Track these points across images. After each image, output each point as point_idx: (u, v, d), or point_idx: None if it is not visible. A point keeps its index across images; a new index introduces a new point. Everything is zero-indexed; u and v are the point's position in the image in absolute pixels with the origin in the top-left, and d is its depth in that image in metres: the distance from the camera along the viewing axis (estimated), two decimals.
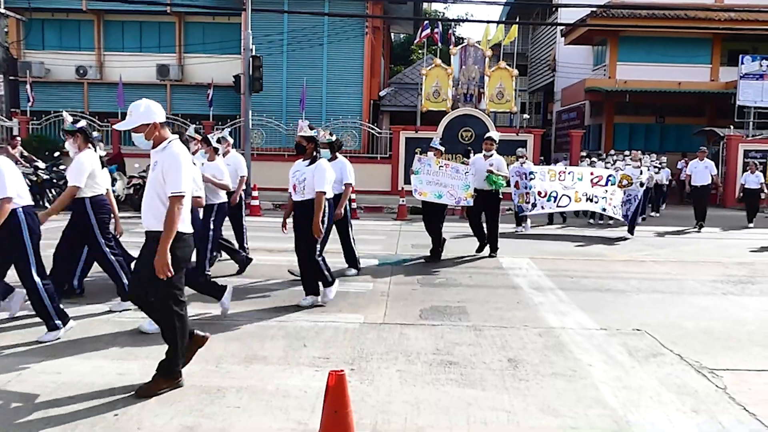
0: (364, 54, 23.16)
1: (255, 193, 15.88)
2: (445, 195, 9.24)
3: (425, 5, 35.91)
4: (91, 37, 24.46)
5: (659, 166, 18.09)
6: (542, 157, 21.39)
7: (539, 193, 12.69)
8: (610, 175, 12.79)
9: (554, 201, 12.77)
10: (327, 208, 6.71)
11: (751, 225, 15.23)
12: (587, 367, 4.82)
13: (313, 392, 4.12)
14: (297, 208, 6.58)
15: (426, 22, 22.53)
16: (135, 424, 3.68)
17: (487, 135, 10.16)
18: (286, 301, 6.73)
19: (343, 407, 3.10)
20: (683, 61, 24.98)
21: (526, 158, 13.71)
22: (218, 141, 7.88)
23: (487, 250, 9.94)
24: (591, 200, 12.73)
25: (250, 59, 17.79)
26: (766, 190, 15.69)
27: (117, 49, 24.33)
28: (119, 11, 23.75)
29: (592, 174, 12.95)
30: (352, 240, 8.31)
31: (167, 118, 18.85)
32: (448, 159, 13.68)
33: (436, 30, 21.86)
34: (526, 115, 26.51)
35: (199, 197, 5.84)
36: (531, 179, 12.76)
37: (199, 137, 7.38)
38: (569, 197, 12.71)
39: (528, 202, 12.80)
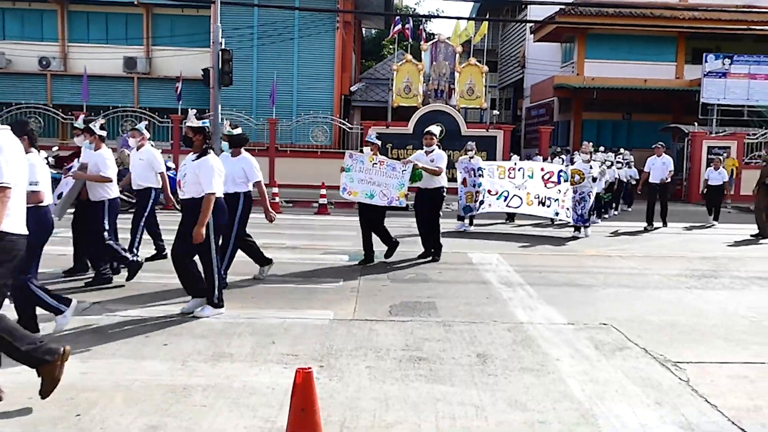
0: (335, 49, 23.07)
1: None
2: (378, 195, 8.49)
3: (396, 1, 35.87)
4: (54, 27, 23.93)
5: (623, 161, 17.94)
6: (512, 153, 21.56)
7: (489, 192, 12.07)
8: (561, 171, 12.11)
9: (504, 200, 12.14)
10: (241, 206, 6.70)
11: (716, 223, 14.91)
12: (555, 361, 4.87)
13: (281, 390, 4.08)
14: (182, 207, 5.91)
15: (397, 17, 22.52)
16: (98, 424, 3.60)
17: (427, 129, 9.45)
18: (255, 298, 6.67)
19: (310, 405, 3.08)
20: (649, 59, 25.39)
21: (475, 152, 12.91)
22: (129, 132, 7.54)
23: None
24: (543, 203, 11.98)
25: (220, 53, 17.53)
26: (728, 187, 15.73)
27: (82, 40, 23.84)
28: (84, 1, 23.30)
29: (543, 170, 12.27)
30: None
31: (134, 111, 18.54)
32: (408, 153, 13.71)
33: (407, 26, 21.88)
34: (496, 111, 26.69)
35: (36, 192, 4.81)
36: (480, 176, 12.14)
37: (81, 128, 7.07)
38: (521, 198, 12.06)
39: (476, 201, 12.13)
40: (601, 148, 18.21)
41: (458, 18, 22.63)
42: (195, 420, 3.70)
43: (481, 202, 12.08)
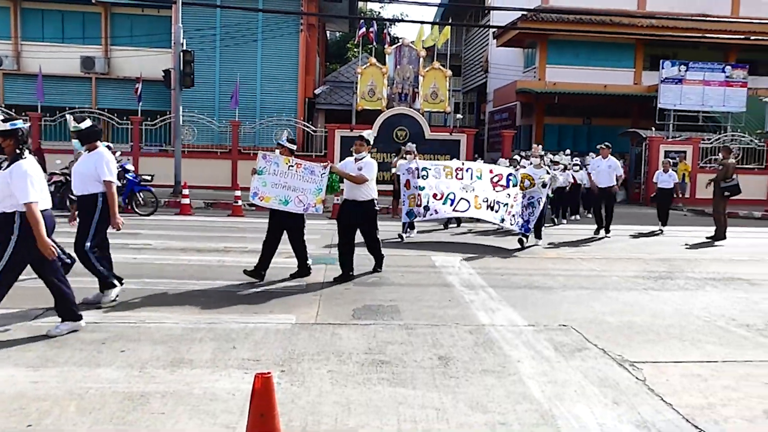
0: (299, 51, 22.98)
1: (185, 192, 15.49)
2: (293, 201, 7.61)
3: (360, 4, 35.91)
4: (7, 24, 23.33)
5: (581, 164, 17.54)
6: (476, 155, 21.75)
7: (435, 196, 10.97)
8: (510, 175, 11.22)
9: (451, 204, 11.03)
10: (99, 208, 6.14)
11: (663, 229, 14.05)
12: (516, 363, 4.92)
13: (242, 395, 4.03)
14: None
15: (362, 21, 22.54)
16: None
17: (359, 134, 8.41)
18: (215, 303, 6.58)
19: (270, 410, 3.04)
20: (609, 65, 25.90)
21: (415, 155, 12.03)
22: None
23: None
24: (492, 207, 10.99)
25: (181, 54, 17.34)
26: (679, 190, 15.61)
27: (36, 38, 23.27)
28: None
29: (491, 172, 11.35)
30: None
31: (92, 112, 18.07)
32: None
33: (371, 29, 21.93)
34: (459, 115, 26.88)
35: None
36: (423, 177, 11.06)
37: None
38: (468, 201, 11.02)
39: (420, 205, 10.95)
40: (567, 151, 18.34)
41: (422, 22, 22.75)
42: (153, 428, 3.63)
43: (427, 208, 10.97)
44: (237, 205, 15.37)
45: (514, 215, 10.98)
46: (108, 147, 14.89)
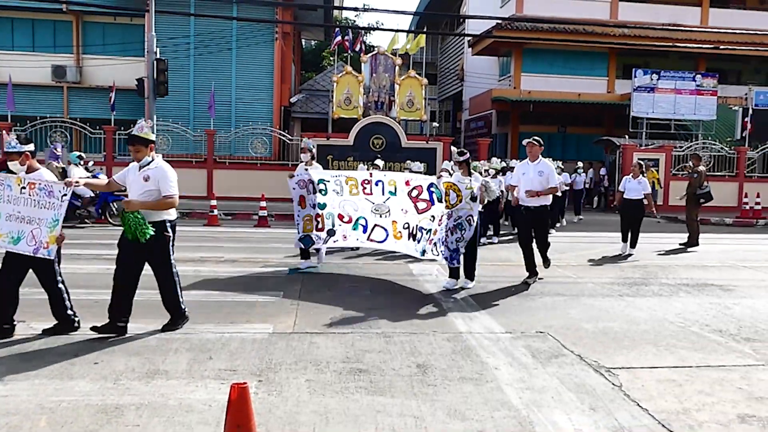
0: (274, 60, 22.92)
1: None
2: (26, 238, 5.34)
3: (336, 12, 35.96)
4: None
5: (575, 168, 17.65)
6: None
7: (341, 218, 8.48)
8: (432, 185, 8.23)
9: (364, 231, 8.51)
10: None
11: (633, 251, 11.70)
12: (493, 370, 4.93)
13: (218, 406, 3.98)
14: None
15: (337, 29, 22.56)
16: None
17: (130, 132, 6.29)
18: (191, 313, 6.49)
19: (246, 421, 3.00)
20: (582, 74, 26.26)
21: (313, 156, 9.47)
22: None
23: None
24: (414, 236, 8.32)
25: (154, 62, 17.19)
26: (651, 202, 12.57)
27: (5, 47, 22.88)
28: (7, 7, 22.42)
29: (408, 184, 8.42)
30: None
31: (63, 121, 17.72)
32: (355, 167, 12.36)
33: (346, 37, 21.96)
34: (435, 123, 26.97)
35: None
36: (322, 192, 8.41)
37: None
38: (386, 230, 8.43)
39: (321, 229, 8.41)
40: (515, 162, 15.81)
41: (397, 30, 22.85)
42: None
43: (331, 232, 8.44)
44: (213, 215, 15.26)
45: (436, 243, 8.08)
46: (80, 157, 14.75)
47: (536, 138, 8.59)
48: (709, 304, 7.62)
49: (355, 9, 32.83)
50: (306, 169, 8.74)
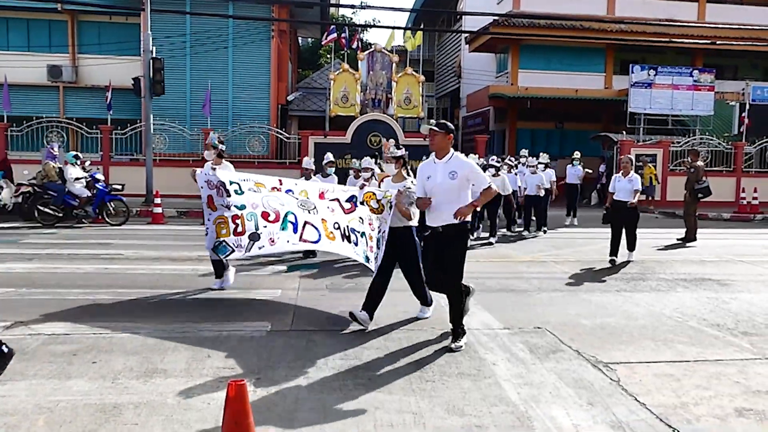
0: (270, 58, 22.87)
1: (158, 200, 15.31)
2: None
3: (332, 9, 35.93)
4: None
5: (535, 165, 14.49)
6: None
7: (265, 215, 6.43)
8: (352, 198, 6.79)
9: (294, 230, 6.43)
10: None
11: (633, 256, 10.56)
12: (491, 365, 4.93)
13: (217, 404, 3.98)
14: None
15: (332, 26, 22.53)
16: None
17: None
18: (189, 312, 6.50)
19: (244, 418, 3.01)
20: (580, 70, 26.24)
21: (221, 153, 7.82)
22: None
23: None
24: (347, 238, 6.51)
25: (150, 61, 17.17)
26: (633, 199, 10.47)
27: (1, 47, 22.80)
28: (2, 7, 22.35)
29: (322, 197, 6.85)
30: None
31: (60, 121, 17.65)
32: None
33: (342, 35, 21.93)
34: (433, 121, 26.85)
35: None
36: (237, 192, 6.59)
37: None
38: (317, 228, 6.49)
39: (241, 233, 6.36)
40: (493, 158, 14.06)
41: (394, 27, 22.81)
42: None
43: (255, 236, 6.33)
44: None
45: (377, 256, 6.35)
46: (76, 157, 14.72)
47: (442, 122, 5.73)
48: (707, 298, 7.63)
49: (352, 6, 32.76)
50: (213, 169, 7.11)
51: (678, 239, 13.13)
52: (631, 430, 3.82)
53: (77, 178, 13.81)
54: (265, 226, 6.37)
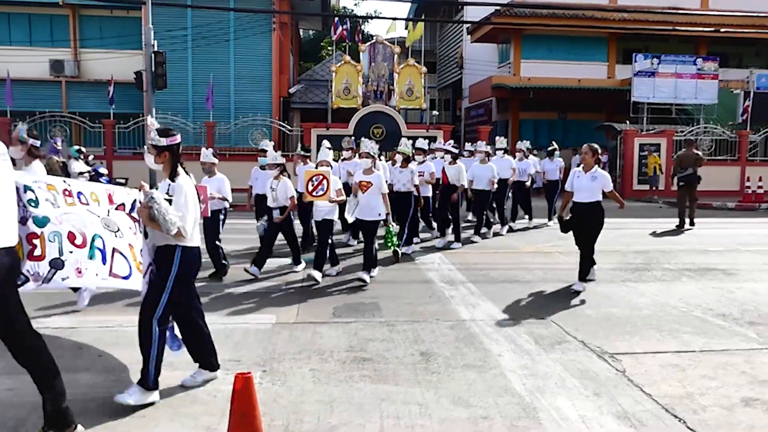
0: (272, 50, 22.82)
1: None
2: None
3: (333, 1, 35.79)
4: None
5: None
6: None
7: (71, 237, 4.55)
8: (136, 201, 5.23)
9: (104, 261, 4.78)
10: None
11: (594, 276, 7.99)
12: (497, 357, 4.94)
13: (223, 396, 4.00)
14: None
15: (336, 19, 22.45)
16: None
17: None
18: None
19: (251, 410, 3.02)
20: (582, 59, 26.11)
21: (33, 153, 6.09)
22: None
23: None
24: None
25: (152, 55, 17.11)
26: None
27: (3, 42, 22.78)
28: (4, 2, 22.32)
29: (111, 201, 5.25)
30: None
31: (63, 116, 17.60)
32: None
33: (344, 27, 21.86)
34: (435, 112, 26.84)
35: None
36: (32, 202, 4.44)
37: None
38: (126, 258, 4.99)
39: (39, 258, 4.35)
40: (450, 142, 12.56)
41: (395, 19, 22.74)
42: None
43: (58, 263, 4.42)
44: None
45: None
46: (80, 151, 14.70)
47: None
48: (712, 288, 7.62)
49: None
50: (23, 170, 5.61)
51: (676, 226, 13.35)
52: (637, 420, 3.82)
53: (81, 173, 13.80)
54: (71, 252, 4.57)
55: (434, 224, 11.50)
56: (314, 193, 7.42)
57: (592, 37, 25.85)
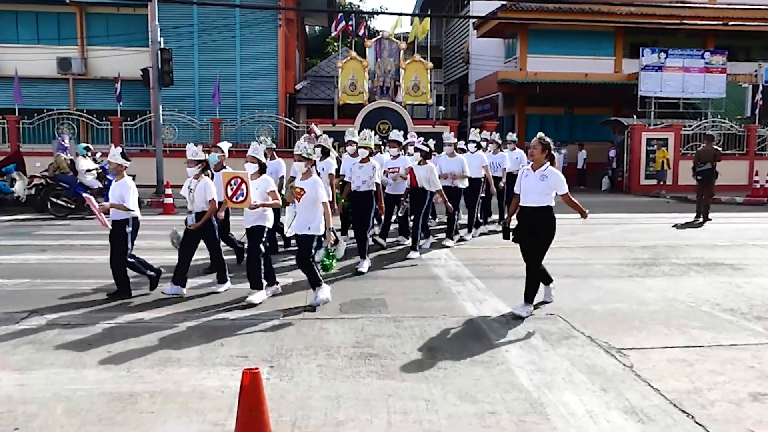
0: (278, 46, 22.81)
1: (168, 191, 15.36)
2: None
3: None
4: None
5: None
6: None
7: None
8: None
9: None
10: None
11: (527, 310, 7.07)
12: (504, 352, 4.94)
13: (231, 392, 4.02)
14: None
15: (340, 14, 22.43)
16: None
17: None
18: (201, 301, 6.55)
19: (259, 406, 3.03)
20: (589, 54, 25.99)
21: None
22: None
23: None
24: None
25: (159, 52, 17.17)
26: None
27: (11, 40, 22.85)
28: (11, 0, 22.37)
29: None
30: None
31: (70, 113, 17.67)
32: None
33: (350, 22, 21.82)
34: (441, 107, 26.77)
35: None
36: None
37: None
38: None
39: None
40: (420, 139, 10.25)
41: (401, 14, 22.70)
42: (141, 427, 3.60)
43: None
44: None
45: None
46: (87, 148, 14.78)
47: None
48: (720, 283, 7.59)
49: None
50: None
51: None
52: (645, 415, 3.81)
53: (89, 170, 13.90)
54: None
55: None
56: (234, 199, 6.55)
57: (598, 31, 25.72)
